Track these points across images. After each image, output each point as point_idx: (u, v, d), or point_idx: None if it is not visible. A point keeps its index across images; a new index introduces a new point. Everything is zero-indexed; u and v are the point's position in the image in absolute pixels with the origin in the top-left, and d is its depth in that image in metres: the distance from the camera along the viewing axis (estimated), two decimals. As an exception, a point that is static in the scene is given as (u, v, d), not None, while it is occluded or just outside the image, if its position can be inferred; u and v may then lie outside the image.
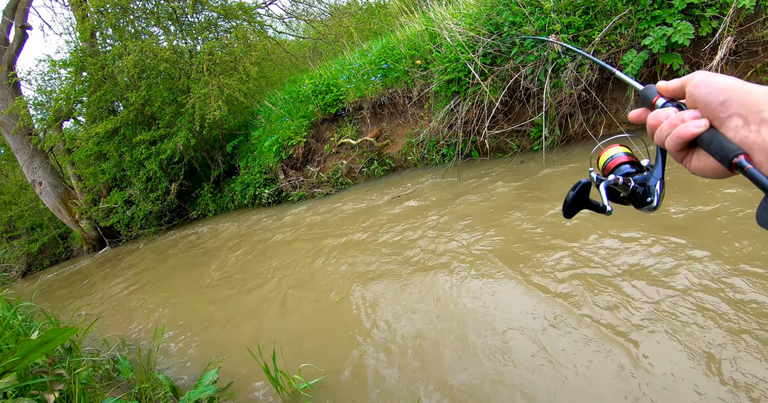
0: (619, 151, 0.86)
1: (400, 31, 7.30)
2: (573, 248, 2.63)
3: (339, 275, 3.69)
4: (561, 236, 2.82)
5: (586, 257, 2.49)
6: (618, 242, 2.52)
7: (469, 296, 2.57)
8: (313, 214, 6.41)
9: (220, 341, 3.36)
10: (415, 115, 6.79)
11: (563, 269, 2.47)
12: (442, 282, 2.85)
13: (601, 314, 2.02)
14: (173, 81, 8.90)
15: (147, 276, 6.53)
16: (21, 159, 11.20)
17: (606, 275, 2.28)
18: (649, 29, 4.10)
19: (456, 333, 2.29)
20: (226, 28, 9.59)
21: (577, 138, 5.12)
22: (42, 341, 1.81)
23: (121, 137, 9.35)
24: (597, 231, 2.70)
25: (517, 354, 1.99)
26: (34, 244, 12.21)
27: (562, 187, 3.73)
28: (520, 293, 2.41)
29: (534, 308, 2.23)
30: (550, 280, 2.42)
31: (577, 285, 2.28)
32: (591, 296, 2.15)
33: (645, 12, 4.15)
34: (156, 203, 9.49)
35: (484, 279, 2.70)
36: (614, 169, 0.83)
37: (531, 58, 4.82)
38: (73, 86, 9.52)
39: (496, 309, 2.36)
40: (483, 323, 2.29)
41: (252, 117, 9.47)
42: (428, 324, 2.46)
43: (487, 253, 3.00)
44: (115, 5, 8.63)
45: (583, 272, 2.37)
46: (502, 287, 2.54)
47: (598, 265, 2.39)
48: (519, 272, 2.60)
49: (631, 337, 1.84)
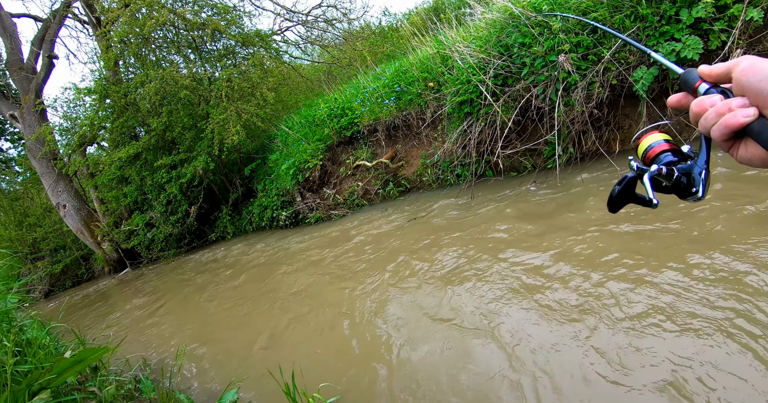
0: (659, 139, 0.83)
1: (412, 54, 7.43)
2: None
3: (359, 297, 3.70)
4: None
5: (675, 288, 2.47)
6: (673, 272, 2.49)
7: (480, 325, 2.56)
8: (330, 235, 6.47)
9: (240, 361, 3.39)
10: (429, 136, 6.87)
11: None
12: (464, 306, 2.84)
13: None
14: (193, 107, 9.16)
15: (166, 297, 6.62)
16: (46, 183, 11.54)
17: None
18: (658, 45, 4.13)
19: (464, 361, 2.29)
20: (243, 55, 9.87)
21: (591, 155, 5.13)
22: (76, 360, 1.90)
23: (142, 162, 9.61)
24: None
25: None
26: (57, 265, 12.46)
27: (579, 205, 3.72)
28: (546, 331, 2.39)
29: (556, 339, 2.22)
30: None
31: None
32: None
33: (653, 28, 4.19)
34: (176, 226, 9.67)
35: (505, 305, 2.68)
36: (655, 157, 0.81)
37: (542, 77, 4.87)
38: (97, 113, 9.85)
39: (518, 344, 2.34)
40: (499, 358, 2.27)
41: (269, 141, 9.66)
42: (439, 353, 2.46)
43: (514, 277, 2.99)
44: (137, 35, 8.97)
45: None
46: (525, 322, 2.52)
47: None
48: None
49: None
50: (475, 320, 2.61)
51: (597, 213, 3.50)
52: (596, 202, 3.73)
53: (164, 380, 3.08)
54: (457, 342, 2.50)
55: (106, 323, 6.35)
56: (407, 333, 2.79)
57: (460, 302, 2.91)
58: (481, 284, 3.04)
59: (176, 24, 9.15)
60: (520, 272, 2.98)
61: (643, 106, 4.66)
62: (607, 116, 4.95)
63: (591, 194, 4.04)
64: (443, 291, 3.17)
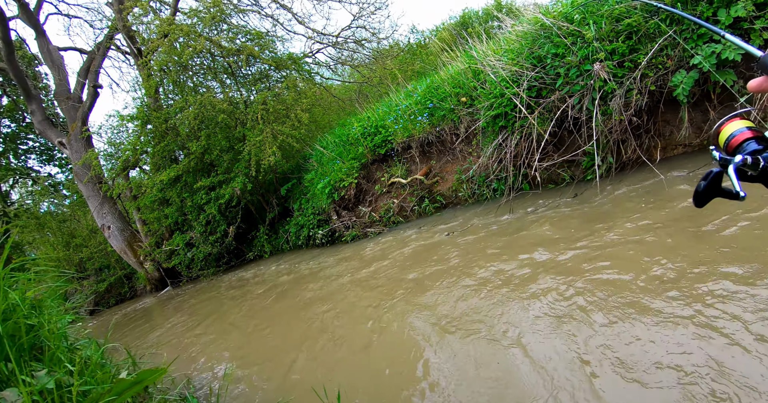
0: (741, 126, 0.79)
1: (443, 70, 7.47)
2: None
3: (406, 318, 3.64)
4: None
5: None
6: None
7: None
8: (366, 252, 6.48)
9: (285, 380, 3.38)
10: (463, 151, 6.85)
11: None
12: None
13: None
14: (230, 130, 9.45)
15: (206, 315, 6.72)
16: (92, 205, 12.07)
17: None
18: (697, 48, 4.02)
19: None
20: (277, 78, 10.16)
21: (631, 164, 5.00)
22: (135, 381, 1.95)
23: (182, 184, 9.94)
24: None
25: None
26: (102, 284, 12.92)
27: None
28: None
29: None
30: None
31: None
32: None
33: (690, 31, 4.08)
34: (215, 245, 9.92)
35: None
36: (738, 146, 0.77)
37: (577, 87, 4.81)
38: (139, 138, 10.28)
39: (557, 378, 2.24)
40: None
41: (304, 161, 9.86)
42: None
43: (574, 304, 2.89)
44: (176, 63, 9.38)
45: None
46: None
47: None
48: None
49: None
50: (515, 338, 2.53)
51: (638, 222, 3.37)
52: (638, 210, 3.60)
53: (211, 400, 3.12)
54: (507, 365, 2.43)
55: (150, 340, 6.50)
56: (451, 357, 2.73)
57: (510, 318, 2.84)
58: (532, 301, 2.96)
59: (212, 51, 9.52)
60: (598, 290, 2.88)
61: (684, 111, 4.53)
62: (646, 123, 4.83)
63: (633, 203, 3.93)
64: (490, 308, 3.11)
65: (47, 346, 2.34)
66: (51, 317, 2.60)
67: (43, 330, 2.38)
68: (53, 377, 1.94)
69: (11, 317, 2.22)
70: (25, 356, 2.19)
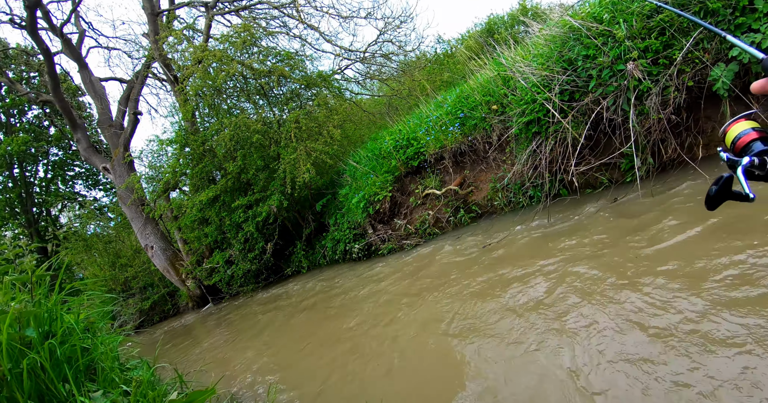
0: (747, 127, 0.81)
1: (471, 78, 7.45)
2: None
3: (448, 334, 3.59)
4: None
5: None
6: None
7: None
8: (404, 265, 6.46)
9: (329, 398, 3.37)
10: (497, 159, 6.77)
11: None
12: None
13: None
14: (265, 149, 9.70)
15: (246, 332, 6.83)
16: (135, 226, 12.57)
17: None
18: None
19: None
20: (308, 96, 10.39)
21: (673, 164, 4.82)
22: (187, 402, 2.00)
23: (220, 204, 10.24)
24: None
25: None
26: (146, 302, 13.35)
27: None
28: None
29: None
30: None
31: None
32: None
33: (727, 22, 3.92)
34: (254, 262, 10.13)
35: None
36: (745, 147, 0.78)
37: (611, 88, 4.69)
38: (178, 161, 10.68)
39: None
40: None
41: (338, 176, 9.98)
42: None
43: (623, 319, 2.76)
44: (210, 87, 9.74)
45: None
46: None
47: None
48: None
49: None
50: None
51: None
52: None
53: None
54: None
55: (194, 357, 6.62)
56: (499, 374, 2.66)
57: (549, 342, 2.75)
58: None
59: (245, 74, 9.84)
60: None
61: (726, 105, 4.34)
62: (686, 121, 4.65)
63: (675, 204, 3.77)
64: (529, 323, 3.02)
65: (101, 367, 2.43)
66: (103, 338, 2.71)
67: (97, 352, 2.48)
68: (109, 399, 2.01)
69: (68, 340, 2.33)
70: (81, 377, 2.29)
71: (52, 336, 2.28)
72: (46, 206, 19.32)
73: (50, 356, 2.19)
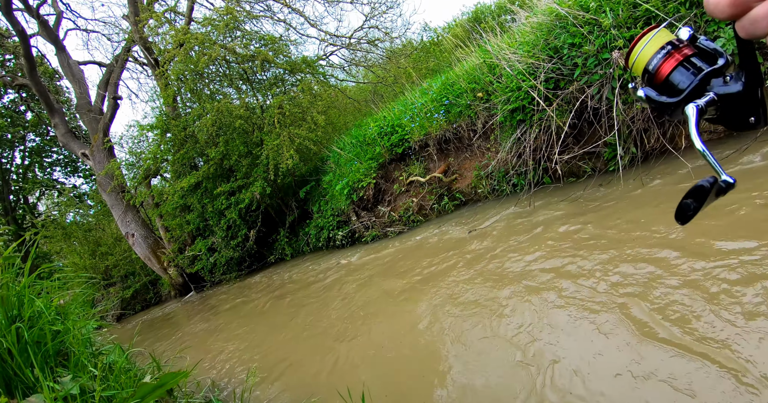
0: (664, 40, 0.59)
1: (457, 66, 7.40)
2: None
3: (431, 316, 3.59)
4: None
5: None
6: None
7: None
8: (386, 252, 6.46)
9: (308, 382, 3.38)
10: (481, 147, 6.77)
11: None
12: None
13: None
14: (247, 135, 9.55)
15: (229, 319, 6.79)
16: (116, 214, 12.35)
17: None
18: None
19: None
20: (292, 81, 10.22)
21: (655, 153, 4.87)
22: (157, 385, 1.97)
23: (203, 190, 10.09)
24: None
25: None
26: (128, 290, 13.20)
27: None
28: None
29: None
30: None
31: None
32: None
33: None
34: (236, 250, 10.04)
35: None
36: (668, 79, 0.57)
37: (596, 77, 4.68)
38: (159, 147, 10.46)
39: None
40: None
41: (322, 163, 9.90)
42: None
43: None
44: (192, 72, 9.51)
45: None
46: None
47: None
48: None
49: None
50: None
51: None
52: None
53: (236, 402, 3.13)
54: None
55: (174, 345, 6.58)
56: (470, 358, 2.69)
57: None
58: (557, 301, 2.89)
59: (227, 58, 9.63)
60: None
61: (709, 96, 4.39)
62: (670, 111, 4.69)
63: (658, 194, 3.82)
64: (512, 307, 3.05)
65: (72, 352, 2.38)
66: (75, 323, 2.65)
67: (68, 336, 2.42)
68: (78, 383, 1.97)
69: (37, 324, 2.27)
70: (51, 362, 2.24)
71: (20, 320, 2.22)
72: (24, 193, 18.81)
73: (18, 341, 2.13)
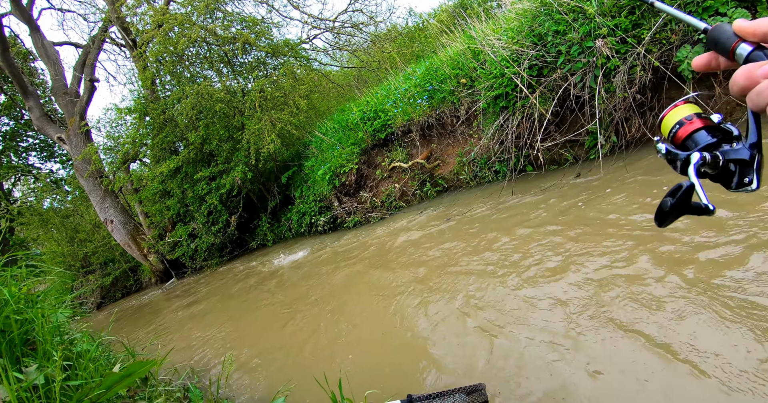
0: (688, 113, 0.67)
1: (442, 51, 7.34)
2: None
3: (405, 301, 3.62)
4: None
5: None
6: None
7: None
8: (369, 237, 6.45)
9: (286, 369, 3.38)
10: (464, 133, 6.76)
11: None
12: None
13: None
14: (228, 119, 9.40)
15: (211, 305, 6.74)
16: (94, 200, 12.08)
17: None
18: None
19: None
20: (274, 65, 10.05)
21: (635, 142, 4.91)
22: (125, 374, 1.93)
23: (183, 175, 9.93)
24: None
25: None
26: (107, 278, 12.99)
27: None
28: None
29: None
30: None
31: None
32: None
33: (695, 4, 3.95)
34: (217, 235, 9.94)
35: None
36: (688, 138, 0.65)
37: (579, 65, 4.69)
38: (138, 131, 10.25)
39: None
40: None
41: (304, 148, 9.80)
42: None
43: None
44: (171, 53, 9.29)
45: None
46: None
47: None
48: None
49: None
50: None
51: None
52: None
53: (211, 388, 3.10)
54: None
55: (154, 332, 6.52)
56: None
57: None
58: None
59: (208, 40, 9.41)
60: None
61: (690, 87, 4.42)
62: (651, 101, 4.71)
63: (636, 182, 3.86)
64: (492, 289, 3.08)
65: (39, 341, 2.31)
66: (44, 311, 2.57)
67: (36, 324, 2.35)
68: (42, 373, 1.91)
69: (2, 312, 2.19)
70: (17, 351, 2.17)
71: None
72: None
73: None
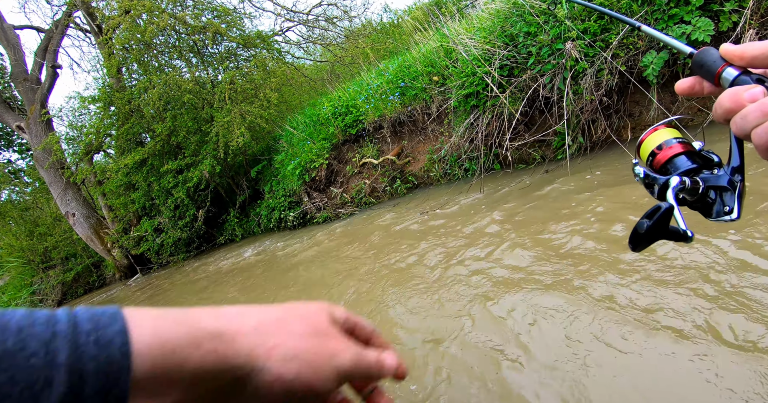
0: (668, 137, 0.66)
1: (415, 49, 7.36)
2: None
3: (375, 294, 3.61)
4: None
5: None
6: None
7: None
8: (338, 233, 6.42)
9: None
10: (435, 131, 6.79)
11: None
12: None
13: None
14: (197, 111, 9.17)
15: (178, 302, 6.60)
16: (55, 192, 11.60)
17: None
18: (667, 29, 4.03)
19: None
20: (245, 56, 9.86)
21: (601, 144, 5.04)
22: None
23: (149, 168, 9.64)
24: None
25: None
26: (69, 273, 12.50)
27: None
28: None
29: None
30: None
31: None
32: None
33: (662, 12, 4.08)
34: (184, 230, 9.70)
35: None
36: (667, 163, 0.64)
37: (549, 66, 4.77)
38: (102, 120, 9.88)
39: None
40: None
41: (274, 142, 9.64)
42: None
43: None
44: (139, 41, 8.98)
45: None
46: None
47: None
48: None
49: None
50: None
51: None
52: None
53: None
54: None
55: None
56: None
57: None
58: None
59: (177, 28, 9.15)
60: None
61: (654, 91, 4.56)
62: (617, 104, 4.85)
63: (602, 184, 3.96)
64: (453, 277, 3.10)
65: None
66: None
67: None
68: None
69: None
70: None
71: None
72: (-49, 168, 17.37)
73: None
